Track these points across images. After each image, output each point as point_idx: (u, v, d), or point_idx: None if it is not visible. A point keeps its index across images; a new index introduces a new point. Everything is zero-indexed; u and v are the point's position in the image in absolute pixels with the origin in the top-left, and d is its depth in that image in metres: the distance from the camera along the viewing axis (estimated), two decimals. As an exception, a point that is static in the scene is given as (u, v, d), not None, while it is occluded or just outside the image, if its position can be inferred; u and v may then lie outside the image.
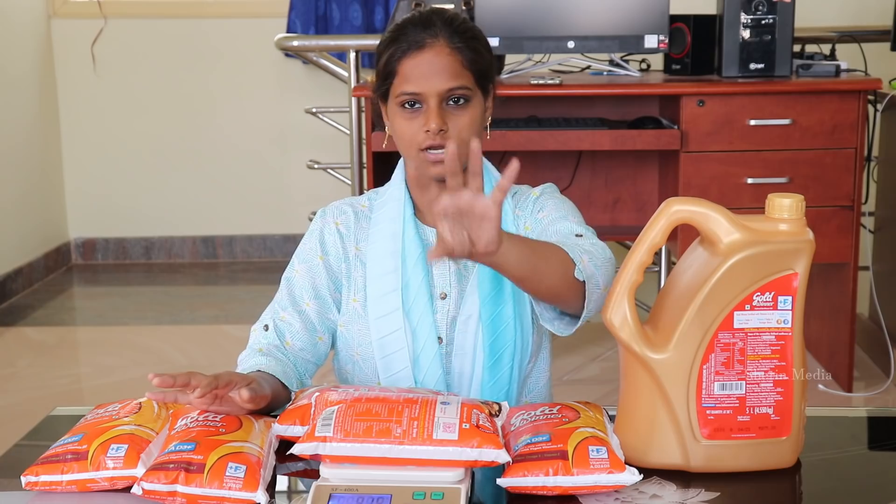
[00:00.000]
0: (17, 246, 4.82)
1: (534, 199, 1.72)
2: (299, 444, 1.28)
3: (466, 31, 1.63)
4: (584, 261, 1.47)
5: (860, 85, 3.18)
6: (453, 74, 1.59)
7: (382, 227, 1.68)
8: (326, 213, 1.73)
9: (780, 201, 1.32)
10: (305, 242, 1.72)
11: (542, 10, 3.30)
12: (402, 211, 1.68)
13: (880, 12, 4.05)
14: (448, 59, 1.59)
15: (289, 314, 1.67)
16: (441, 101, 1.59)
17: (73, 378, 3.78)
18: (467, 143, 1.51)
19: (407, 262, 1.65)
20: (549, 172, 3.58)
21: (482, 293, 1.63)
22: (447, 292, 1.67)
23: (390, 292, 1.64)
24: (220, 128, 5.21)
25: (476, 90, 1.62)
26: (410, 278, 1.65)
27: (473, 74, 1.61)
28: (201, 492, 1.25)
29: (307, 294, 1.68)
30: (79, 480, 1.31)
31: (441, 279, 1.67)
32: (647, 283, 1.46)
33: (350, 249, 1.69)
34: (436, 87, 1.59)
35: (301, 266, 1.70)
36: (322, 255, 1.69)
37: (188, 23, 5.13)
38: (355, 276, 1.69)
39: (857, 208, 3.20)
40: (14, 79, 4.83)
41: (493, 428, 1.29)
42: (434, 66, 1.59)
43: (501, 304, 1.64)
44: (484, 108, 1.66)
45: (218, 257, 5.34)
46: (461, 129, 1.60)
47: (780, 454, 1.35)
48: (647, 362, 1.32)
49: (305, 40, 4.08)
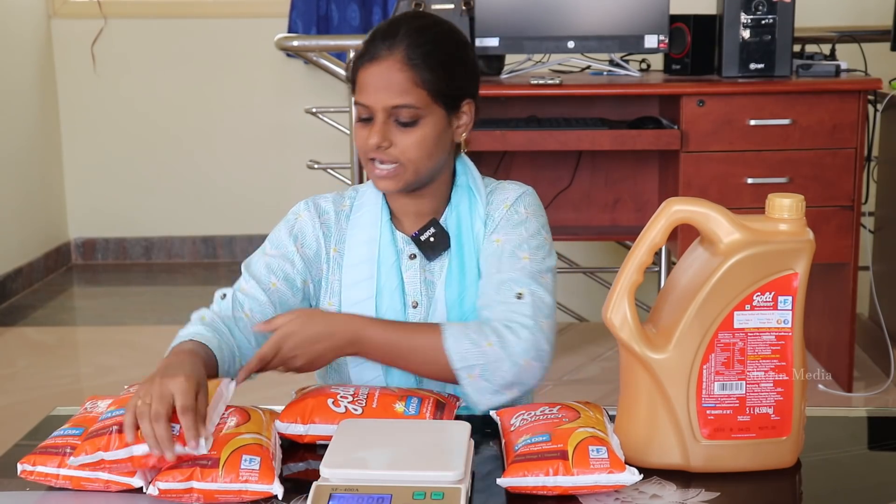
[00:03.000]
0: (17, 246, 4.82)
1: (505, 211, 1.65)
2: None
3: (430, 46, 1.56)
4: (468, 357, 1.50)
5: (860, 85, 3.18)
6: (401, 91, 1.55)
7: (358, 232, 1.66)
8: (310, 206, 1.68)
9: (780, 201, 1.32)
10: (281, 230, 1.67)
11: (542, 10, 3.30)
12: (378, 216, 1.66)
13: (880, 12, 4.05)
14: (398, 75, 1.54)
15: (251, 287, 1.62)
16: (388, 117, 1.56)
17: (73, 378, 3.78)
18: (415, 163, 1.56)
19: (381, 269, 1.64)
20: (549, 172, 3.58)
21: (449, 300, 1.63)
22: (418, 300, 1.65)
23: (364, 300, 1.63)
24: (220, 128, 5.21)
25: (432, 108, 1.57)
26: (384, 286, 1.63)
27: (429, 92, 1.56)
28: (218, 487, 1.26)
29: (275, 276, 1.63)
30: (73, 477, 1.30)
31: (412, 287, 1.65)
32: (647, 283, 1.46)
33: (330, 250, 1.67)
34: (382, 102, 1.55)
35: (274, 251, 1.66)
36: (300, 247, 1.65)
37: (188, 23, 5.14)
38: (332, 278, 1.67)
39: (857, 208, 3.20)
40: (14, 79, 4.83)
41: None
42: (383, 81, 1.55)
43: (467, 310, 1.62)
44: (446, 126, 1.60)
45: (218, 257, 5.34)
46: (405, 149, 1.56)
47: (780, 454, 1.35)
48: (647, 362, 1.32)
49: (305, 40, 4.07)
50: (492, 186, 1.70)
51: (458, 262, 1.63)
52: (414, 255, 1.66)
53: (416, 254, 1.66)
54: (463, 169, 1.69)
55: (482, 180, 1.70)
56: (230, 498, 1.26)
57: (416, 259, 1.66)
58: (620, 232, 3.63)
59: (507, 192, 1.67)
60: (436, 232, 1.64)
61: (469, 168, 1.69)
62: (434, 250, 1.64)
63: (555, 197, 3.55)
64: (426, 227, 1.65)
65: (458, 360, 1.51)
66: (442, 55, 1.58)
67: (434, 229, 1.64)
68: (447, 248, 1.64)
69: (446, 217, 1.67)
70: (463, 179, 1.67)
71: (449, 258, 1.64)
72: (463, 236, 1.64)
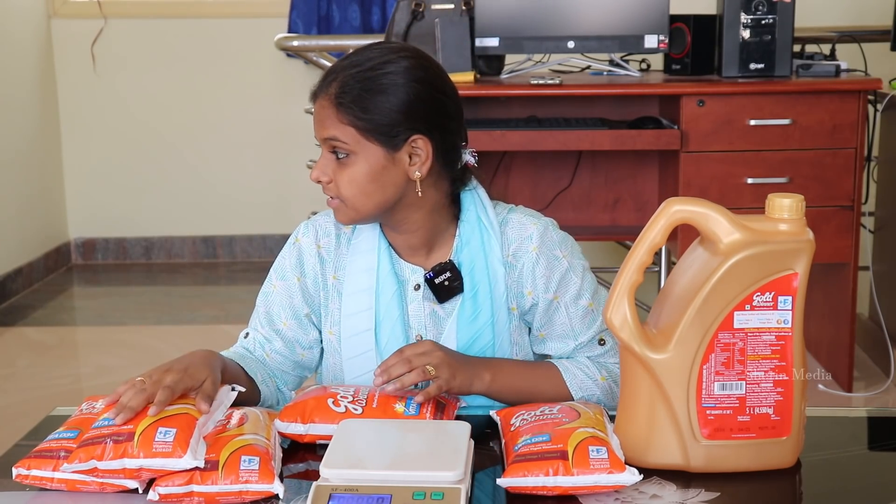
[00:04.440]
0: (17, 246, 4.82)
1: (535, 255, 1.60)
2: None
3: (362, 84, 1.51)
4: (586, 386, 1.59)
5: (860, 85, 3.18)
6: (328, 126, 1.52)
7: (358, 259, 1.62)
8: (310, 230, 1.66)
9: (780, 201, 1.32)
10: (284, 258, 1.66)
11: (542, 10, 3.30)
12: (377, 243, 1.62)
13: (880, 12, 4.05)
14: (325, 111, 1.52)
15: (266, 332, 1.65)
16: (329, 150, 1.54)
17: (73, 378, 3.78)
18: (351, 200, 1.53)
19: (381, 299, 1.60)
20: (549, 172, 3.58)
21: (460, 340, 1.59)
22: (422, 334, 1.61)
23: (363, 332, 1.60)
24: (220, 128, 5.21)
25: (363, 145, 1.51)
26: (384, 317, 1.60)
27: (358, 129, 1.51)
28: (219, 489, 1.26)
29: (285, 314, 1.64)
30: (68, 480, 1.30)
31: (416, 320, 1.61)
32: (647, 283, 1.46)
33: (329, 277, 1.64)
34: (319, 134, 1.54)
35: (279, 283, 1.66)
36: (300, 277, 1.64)
37: (188, 23, 5.13)
38: (332, 307, 1.64)
39: (857, 208, 3.20)
40: (14, 79, 4.83)
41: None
42: (318, 116, 1.54)
43: (480, 351, 1.60)
44: (386, 163, 1.52)
45: (218, 257, 5.34)
46: (340, 185, 1.53)
47: (780, 454, 1.35)
48: (647, 362, 1.32)
49: (305, 40, 4.08)
50: (503, 217, 1.63)
51: (473, 304, 1.59)
52: (419, 285, 1.61)
53: (421, 285, 1.61)
54: (471, 201, 1.62)
55: (494, 211, 1.64)
56: (231, 499, 1.26)
57: (420, 290, 1.62)
58: (620, 232, 3.63)
59: (526, 228, 1.61)
60: (451, 276, 1.59)
61: (478, 200, 1.63)
62: (448, 294, 1.60)
63: (555, 197, 3.55)
64: (441, 268, 1.60)
65: (578, 391, 1.59)
66: (380, 94, 1.51)
67: (450, 273, 1.59)
68: (461, 292, 1.60)
69: (456, 253, 1.61)
70: (471, 214, 1.61)
71: (462, 299, 1.60)
72: (476, 275, 1.59)
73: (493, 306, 1.59)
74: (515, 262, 1.61)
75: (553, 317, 1.62)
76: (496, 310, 1.59)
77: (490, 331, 1.59)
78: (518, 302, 1.62)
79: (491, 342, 1.60)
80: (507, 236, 1.61)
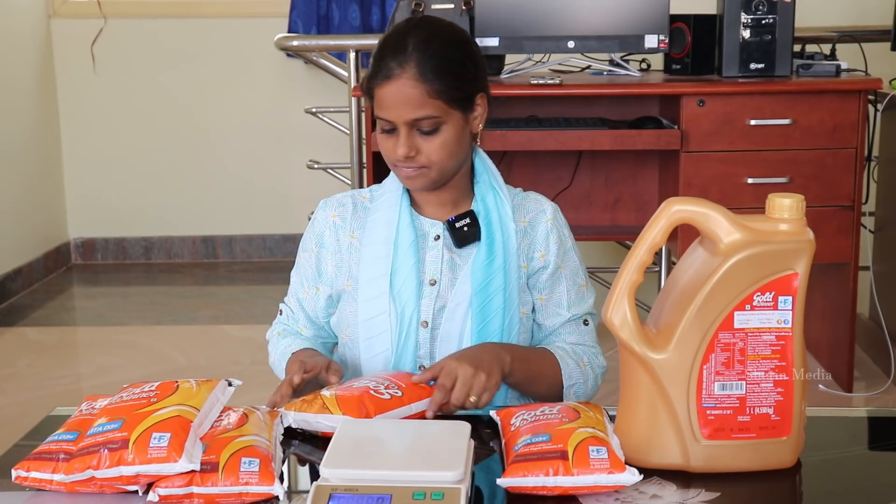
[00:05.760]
0: (17, 246, 4.82)
1: (549, 226, 1.76)
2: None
3: (438, 57, 1.63)
4: (573, 375, 1.72)
5: (860, 85, 3.18)
6: (418, 105, 1.62)
7: (379, 215, 1.74)
8: (327, 205, 1.80)
9: (781, 201, 1.32)
10: (306, 233, 1.81)
11: (542, 10, 3.30)
12: (398, 201, 1.73)
13: (880, 12, 4.05)
14: (413, 91, 1.61)
15: (295, 304, 1.82)
16: (410, 129, 1.64)
17: (73, 378, 3.78)
18: (440, 164, 1.65)
19: (399, 247, 1.70)
20: (549, 172, 3.58)
21: (475, 282, 1.69)
22: (437, 279, 1.71)
23: (379, 276, 1.70)
24: (220, 128, 5.21)
25: (450, 113, 1.65)
26: (401, 264, 1.70)
27: (444, 100, 1.63)
28: (219, 490, 1.26)
29: (307, 283, 1.80)
30: (67, 483, 1.29)
31: (433, 266, 1.72)
32: (647, 283, 1.46)
33: (344, 240, 1.76)
34: (403, 117, 1.63)
35: (303, 254, 1.80)
36: (316, 247, 1.78)
37: (188, 22, 5.13)
38: (350, 262, 1.75)
39: (857, 208, 3.20)
40: (14, 79, 4.83)
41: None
42: (400, 98, 1.62)
43: (492, 294, 1.70)
44: (464, 124, 1.68)
45: (218, 257, 5.34)
46: (430, 154, 1.65)
47: (780, 454, 1.35)
48: (647, 362, 1.32)
49: (305, 40, 4.08)
50: (516, 191, 1.79)
51: (488, 252, 1.70)
52: (439, 236, 1.73)
53: (442, 235, 1.72)
54: (483, 167, 1.76)
55: (498, 172, 1.78)
56: (231, 501, 1.26)
57: (439, 240, 1.72)
58: (620, 232, 3.63)
59: (542, 204, 1.78)
60: (470, 223, 1.72)
61: (488, 166, 1.77)
62: (465, 240, 1.72)
63: (555, 197, 3.55)
64: (463, 216, 1.73)
65: (567, 378, 1.71)
66: (451, 63, 1.64)
67: (469, 220, 1.72)
68: (477, 240, 1.72)
69: (474, 208, 1.74)
70: (484, 177, 1.75)
71: (478, 247, 1.71)
72: (493, 227, 1.72)
73: (505, 255, 1.71)
74: (531, 228, 1.75)
75: (555, 285, 1.76)
76: (508, 257, 1.71)
77: (502, 275, 1.70)
78: (528, 262, 1.75)
79: (503, 285, 1.70)
80: (525, 207, 1.77)
